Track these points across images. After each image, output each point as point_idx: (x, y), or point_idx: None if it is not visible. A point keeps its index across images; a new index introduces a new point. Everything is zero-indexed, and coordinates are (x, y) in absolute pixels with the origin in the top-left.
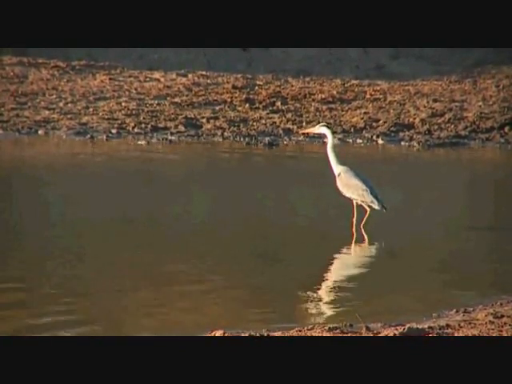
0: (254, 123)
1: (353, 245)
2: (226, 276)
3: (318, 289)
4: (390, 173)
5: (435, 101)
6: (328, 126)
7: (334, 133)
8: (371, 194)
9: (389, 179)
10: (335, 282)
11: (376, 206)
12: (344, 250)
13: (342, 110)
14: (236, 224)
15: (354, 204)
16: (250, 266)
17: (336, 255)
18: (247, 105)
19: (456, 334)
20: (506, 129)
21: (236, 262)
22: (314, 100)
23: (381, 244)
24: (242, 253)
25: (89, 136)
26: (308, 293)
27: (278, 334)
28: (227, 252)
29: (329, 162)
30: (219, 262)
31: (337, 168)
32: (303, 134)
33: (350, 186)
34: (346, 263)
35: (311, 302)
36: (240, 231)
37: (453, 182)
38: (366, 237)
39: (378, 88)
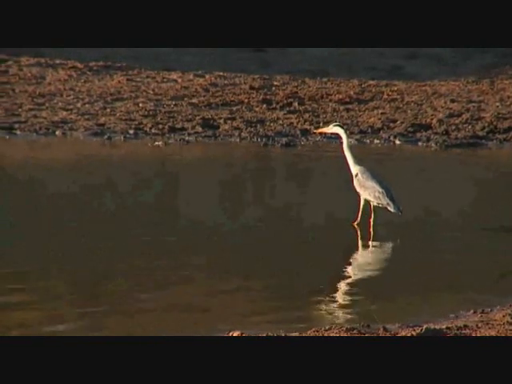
0: (271, 124)
1: (370, 245)
2: (242, 277)
3: (335, 289)
4: (407, 173)
5: (452, 101)
6: (341, 125)
7: (347, 132)
8: (387, 196)
9: (406, 180)
10: (351, 282)
11: (392, 209)
12: (360, 251)
13: (359, 111)
14: (252, 225)
15: (371, 205)
16: (265, 266)
17: (352, 256)
18: (264, 105)
19: (474, 335)
20: None
21: (252, 263)
22: (331, 100)
23: (397, 245)
24: (257, 254)
25: (106, 137)
26: (324, 293)
27: (295, 334)
28: (242, 253)
29: (346, 162)
30: (235, 264)
31: (354, 168)
32: (318, 133)
33: (366, 188)
34: (362, 264)
35: (328, 302)
36: (256, 232)
37: (470, 182)
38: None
39: (396, 88)
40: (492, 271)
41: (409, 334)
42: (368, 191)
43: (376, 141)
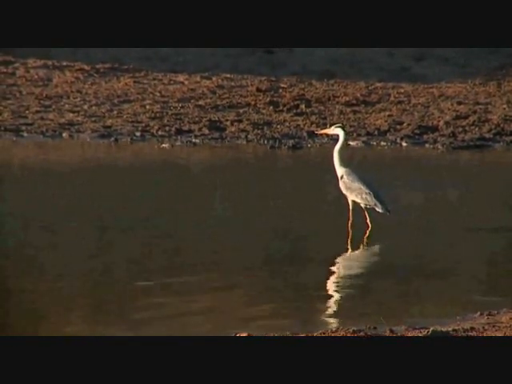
0: (278, 126)
1: (371, 247)
2: (247, 278)
3: (340, 291)
4: (412, 175)
5: (459, 103)
6: (343, 127)
7: (347, 135)
8: (374, 197)
9: (410, 181)
10: (356, 284)
11: (379, 209)
12: (364, 253)
13: (366, 113)
14: (255, 226)
15: (359, 206)
16: (270, 267)
17: (356, 258)
18: (271, 107)
19: (480, 337)
20: None
21: (256, 264)
22: (338, 102)
23: (400, 246)
24: (261, 254)
25: (113, 139)
26: (330, 295)
27: (302, 335)
28: (247, 254)
29: (332, 163)
30: (239, 265)
31: (339, 170)
32: (320, 134)
33: (352, 190)
34: (367, 266)
35: (333, 304)
36: (259, 233)
37: (476, 184)
38: (349, 240)
39: (402, 90)
40: (498, 273)
41: (415, 336)
42: (355, 193)
43: (383, 143)
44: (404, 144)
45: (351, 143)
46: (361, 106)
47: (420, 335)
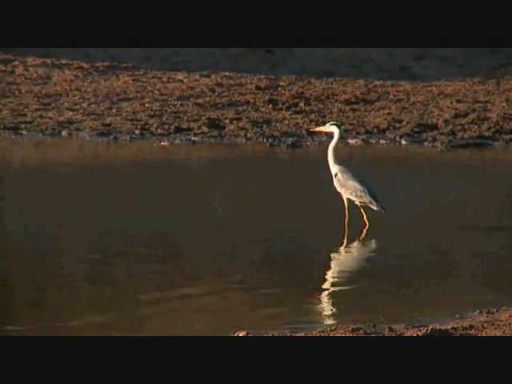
0: (277, 124)
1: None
2: (246, 278)
3: (339, 290)
4: (412, 173)
5: (458, 101)
6: (338, 124)
7: (342, 133)
8: (369, 194)
9: (409, 180)
10: (355, 283)
11: (375, 207)
12: (362, 251)
13: (365, 111)
14: (255, 226)
15: (355, 204)
16: (269, 267)
17: (354, 256)
18: (270, 106)
19: (479, 335)
20: None
21: (256, 263)
22: (337, 101)
23: (399, 245)
24: (260, 254)
25: (112, 137)
26: (329, 294)
27: (300, 334)
28: (246, 253)
29: (326, 160)
30: (238, 265)
31: (333, 168)
32: (315, 132)
33: (347, 188)
34: (365, 264)
35: (332, 303)
36: (259, 233)
37: (475, 182)
38: (345, 239)
39: (402, 89)
40: (497, 272)
41: (414, 335)
42: (349, 191)
43: (382, 141)
44: (403, 142)
45: (350, 141)
46: (360, 104)
47: (419, 333)
